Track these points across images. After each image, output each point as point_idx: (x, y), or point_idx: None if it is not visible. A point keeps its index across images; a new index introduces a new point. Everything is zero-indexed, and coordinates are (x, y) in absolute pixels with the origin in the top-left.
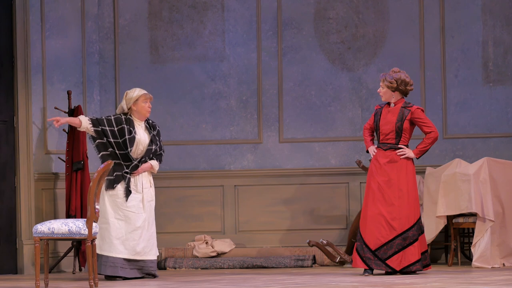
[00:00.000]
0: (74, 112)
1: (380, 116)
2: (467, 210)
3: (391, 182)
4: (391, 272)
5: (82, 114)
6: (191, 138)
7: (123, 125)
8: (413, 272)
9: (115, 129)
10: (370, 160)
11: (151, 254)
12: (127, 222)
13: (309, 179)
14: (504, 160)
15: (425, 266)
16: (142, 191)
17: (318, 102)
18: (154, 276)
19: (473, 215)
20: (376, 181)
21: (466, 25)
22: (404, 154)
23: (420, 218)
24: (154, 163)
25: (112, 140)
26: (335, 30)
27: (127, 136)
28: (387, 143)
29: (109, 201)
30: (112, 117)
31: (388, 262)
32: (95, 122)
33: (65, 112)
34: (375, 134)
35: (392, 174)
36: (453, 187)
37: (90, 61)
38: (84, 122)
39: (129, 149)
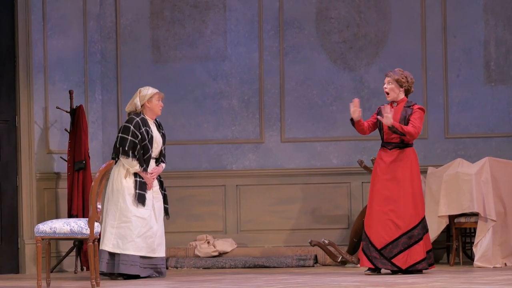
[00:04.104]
0: (76, 111)
1: (383, 115)
2: (469, 209)
3: (395, 180)
4: (397, 271)
5: (84, 114)
6: (193, 138)
7: (142, 130)
8: (419, 271)
9: (141, 138)
10: (372, 160)
11: (162, 251)
12: (145, 220)
13: (311, 179)
14: (506, 159)
15: (430, 265)
16: (153, 189)
17: (320, 101)
18: (162, 274)
19: (475, 214)
20: (380, 180)
21: (468, 24)
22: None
23: (424, 217)
24: (164, 165)
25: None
26: (337, 29)
27: (147, 139)
28: (391, 142)
29: (129, 200)
30: (136, 131)
31: (393, 261)
32: (141, 160)
33: (67, 111)
34: (379, 134)
35: (397, 172)
36: (455, 186)
37: (92, 60)
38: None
39: (151, 151)
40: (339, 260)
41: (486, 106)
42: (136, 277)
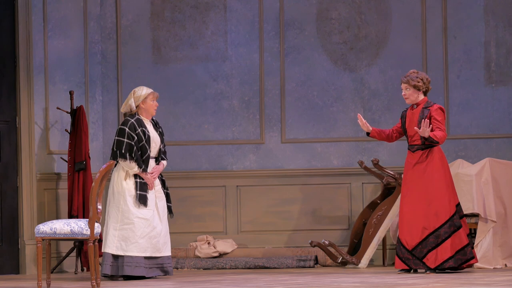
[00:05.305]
0: (76, 112)
1: (406, 118)
2: (469, 210)
3: (420, 181)
4: (427, 270)
5: (85, 114)
6: (193, 139)
7: (138, 131)
8: (446, 270)
9: (137, 139)
10: (372, 161)
11: (168, 250)
12: (149, 220)
13: (311, 180)
14: (506, 160)
15: (462, 263)
16: (155, 188)
17: (320, 102)
18: (169, 273)
19: (475, 215)
20: (408, 181)
21: (469, 25)
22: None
23: (453, 215)
24: (165, 162)
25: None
26: (337, 30)
27: (144, 140)
28: (414, 144)
29: (130, 201)
30: (131, 133)
31: (424, 260)
32: (139, 162)
33: (67, 112)
34: (405, 137)
35: (421, 173)
36: (456, 187)
37: (93, 61)
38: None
39: (149, 151)
40: (339, 261)
41: (486, 107)
42: (141, 278)
